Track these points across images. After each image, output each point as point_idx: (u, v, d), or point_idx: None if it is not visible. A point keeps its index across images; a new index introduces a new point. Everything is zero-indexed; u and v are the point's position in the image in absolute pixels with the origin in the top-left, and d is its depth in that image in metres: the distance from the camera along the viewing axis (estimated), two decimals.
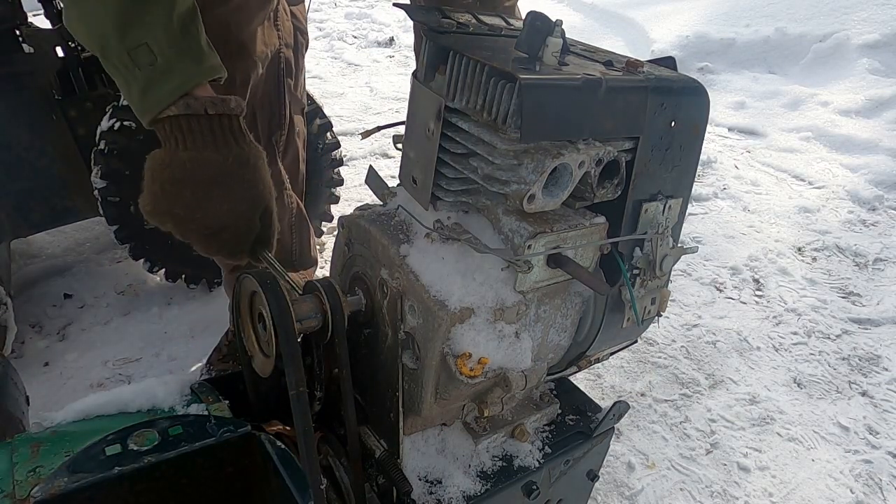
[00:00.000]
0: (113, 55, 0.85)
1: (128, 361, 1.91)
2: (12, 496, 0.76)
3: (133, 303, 2.15)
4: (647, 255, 0.90)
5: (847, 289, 2.52)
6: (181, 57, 0.87)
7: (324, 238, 2.49)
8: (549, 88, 0.71)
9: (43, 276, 2.25)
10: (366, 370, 0.97)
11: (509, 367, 0.86)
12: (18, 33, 1.81)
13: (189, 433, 0.88)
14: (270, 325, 0.79)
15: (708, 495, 1.63)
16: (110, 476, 0.80)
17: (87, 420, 0.92)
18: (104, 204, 1.86)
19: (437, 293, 0.80)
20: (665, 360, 2.08)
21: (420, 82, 0.83)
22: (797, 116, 4.05)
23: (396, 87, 4.44)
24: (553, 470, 1.04)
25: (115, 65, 0.86)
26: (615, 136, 0.80)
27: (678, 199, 0.91)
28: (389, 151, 3.41)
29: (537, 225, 0.80)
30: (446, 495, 0.94)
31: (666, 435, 1.79)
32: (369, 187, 1.02)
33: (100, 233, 2.50)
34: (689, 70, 4.55)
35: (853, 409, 1.95)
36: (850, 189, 3.22)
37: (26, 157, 1.93)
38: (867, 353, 2.17)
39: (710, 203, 3.11)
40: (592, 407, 1.13)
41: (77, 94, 1.93)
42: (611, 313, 0.93)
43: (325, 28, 5.86)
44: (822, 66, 4.56)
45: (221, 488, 0.92)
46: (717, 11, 5.32)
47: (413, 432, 0.97)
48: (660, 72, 0.86)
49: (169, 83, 0.86)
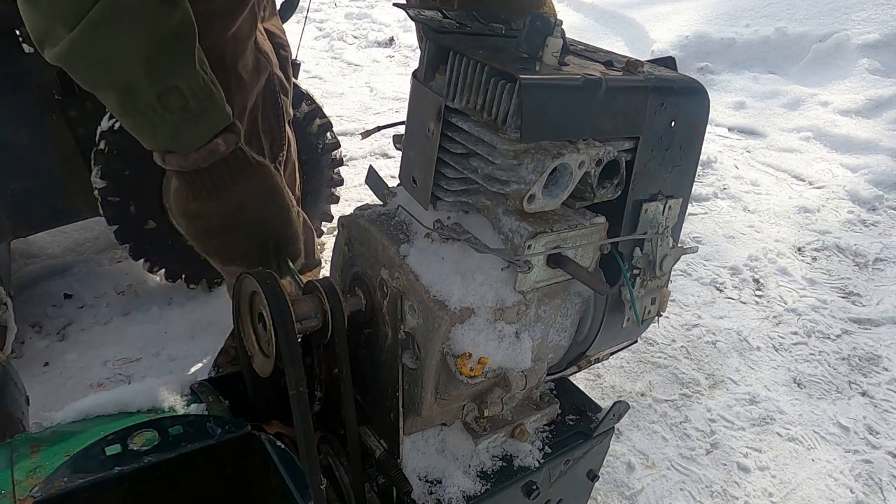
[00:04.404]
0: (140, 99, 0.82)
1: (128, 361, 1.91)
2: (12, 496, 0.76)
3: (133, 303, 2.15)
4: (647, 255, 0.90)
5: (847, 289, 2.52)
6: (209, 101, 0.87)
7: (324, 238, 2.49)
8: (549, 88, 0.71)
9: (43, 276, 2.25)
10: (366, 370, 0.97)
11: (509, 367, 0.86)
12: (18, 33, 1.81)
13: (189, 433, 0.88)
14: (270, 325, 0.79)
15: (708, 495, 1.63)
16: (110, 476, 0.80)
17: (87, 420, 0.92)
18: (104, 204, 1.86)
19: (437, 293, 0.80)
20: (665, 360, 2.08)
21: (420, 82, 0.83)
22: (797, 116, 4.05)
23: (396, 87, 4.44)
24: (553, 470, 1.04)
25: (141, 109, 0.83)
26: (615, 136, 0.80)
27: (678, 199, 0.91)
28: (389, 151, 3.41)
29: (537, 225, 0.80)
30: (446, 495, 0.94)
31: (666, 435, 1.80)
32: (369, 187, 1.02)
33: (100, 233, 2.50)
34: (689, 70, 4.55)
35: (853, 409, 1.95)
36: (850, 189, 3.22)
37: (26, 157, 1.93)
38: (867, 353, 2.17)
39: (710, 203, 3.11)
40: (592, 407, 1.13)
41: (77, 94, 1.93)
42: (611, 313, 0.93)
43: (325, 28, 5.86)
44: (822, 66, 4.56)
45: (221, 488, 0.92)
46: (717, 11, 5.32)
47: (413, 432, 0.97)
48: (660, 72, 0.86)
49: (200, 127, 0.87)
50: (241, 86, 1.32)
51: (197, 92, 0.85)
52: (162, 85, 0.82)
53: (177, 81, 0.83)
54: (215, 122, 0.89)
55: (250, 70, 1.34)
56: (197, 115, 0.86)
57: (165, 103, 0.83)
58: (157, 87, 0.82)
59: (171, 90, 0.83)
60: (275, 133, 1.54)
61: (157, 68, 0.81)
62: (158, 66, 0.81)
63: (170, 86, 0.83)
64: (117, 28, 0.78)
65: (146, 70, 0.80)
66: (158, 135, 0.86)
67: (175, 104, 0.83)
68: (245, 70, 1.32)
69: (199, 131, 0.87)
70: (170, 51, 0.82)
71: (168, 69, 0.82)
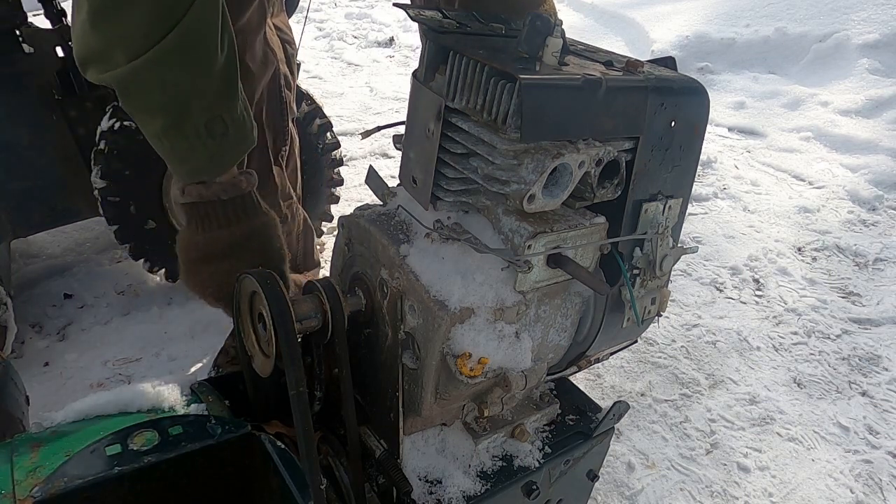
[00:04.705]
0: (189, 126, 0.86)
1: (128, 361, 1.91)
2: (12, 496, 0.76)
3: (133, 303, 2.15)
4: (647, 255, 0.90)
5: (847, 289, 2.52)
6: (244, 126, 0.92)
7: (324, 238, 2.49)
8: (549, 88, 0.71)
9: (43, 276, 2.26)
10: (366, 370, 0.97)
11: (509, 367, 0.86)
12: (18, 33, 1.81)
13: (189, 433, 0.88)
14: (270, 325, 0.79)
15: (708, 495, 1.63)
16: (110, 476, 0.80)
17: (87, 420, 0.92)
18: (104, 204, 1.86)
19: (437, 293, 0.80)
20: (665, 360, 2.08)
21: (420, 82, 0.83)
22: (797, 116, 4.05)
23: (396, 87, 4.44)
24: (553, 470, 1.04)
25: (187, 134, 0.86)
26: (615, 136, 0.80)
27: (678, 199, 0.91)
28: (389, 151, 3.41)
29: (537, 225, 0.80)
30: (446, 495, 0.94)
31: (666, 435, 1.80)
32: (369, 187, 1.02)
33: (100, 233, 2.50)
34: (689, 70, 4.55)
35: (853, 409, 1.95)
36: (850, 189, 3.22)
37: (26, 157, 1.93)
38: (867, 353, 2.17)
39: (710, 203, 3.11)
40: (592, 407, 1.13)
41: (77, 94, 1.93)
42: (611, 313, 0.93)
43: (325, 28, 5.86)
44: (822, 66, 4.56)
45: (221, 488, 0.92)
46: (717, 11, 5.32)
47: (413, 432, 0.97)
48: (660, 72, 0.85)
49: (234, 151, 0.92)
50: (249, 77, 1.35)
51: (236, 119, 0.90)
52: (211, 114, 0.86)
53: (224, 111, 0.88)
54: (246, 145, 0.94)
55: (258, 62, 1.36)
56: (234, 140, 0.91)
57: (211, 130, 0.87)
58: (207, 116, 0.86)
59: (216, 118, 0.87)
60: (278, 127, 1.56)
61: (212, 101, 0.86)
62: (214, 98, 0.86)
63: (217, 114, 0.87)
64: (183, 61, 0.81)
65: (201, 102, 0.85)
66: (194, 160, 0.89)
67: (218, 131, 0.88)
68: (253, 62, 1.35)
69: (232, 155, 0.92)
70: (223, 85, 0.87)
71: (220, 99, 0.87)
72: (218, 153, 0.90)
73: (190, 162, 0.90)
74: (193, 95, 0.84)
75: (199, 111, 0.85)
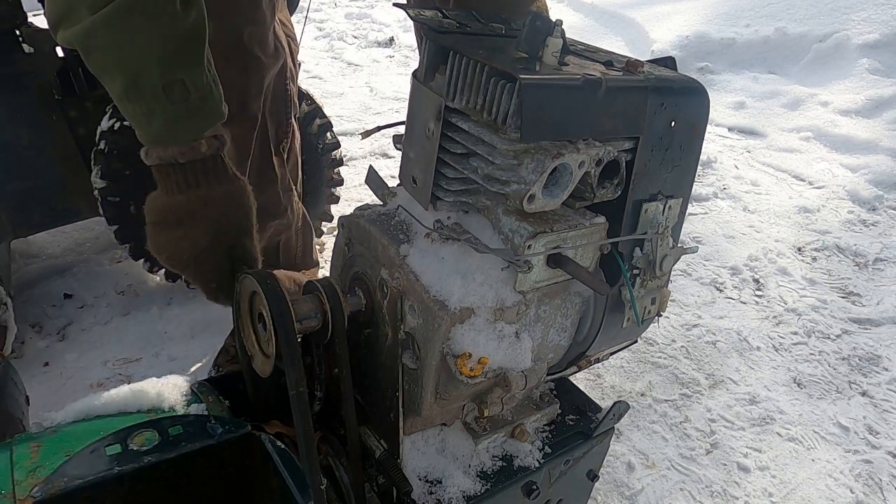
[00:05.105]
0: (147, 87, 0.85)
1: (128, 361, 1.91)
2: (12, 496, 0.76)
3: (133, 303, 2.15)
4: (647, 255, 0.90)
5: (847, 289, 2.52)
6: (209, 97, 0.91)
7: (324, 238, 2.49)
8: (549, 88, 0.71)
9: (43, 276, 2.26)
10: (366, 370, 0.97)
11: (509, 367, 0.86)
12: (18, 33, 1.82)
13: (189, 433, 0.88)
14: (270, 325, 0.79)
15: (708, 495, 1.63)
16: (110, 476, 0.80)
17: (87, 420, 0.92)
18: (104, 204, 1.86)
19: (437, 293, 0.80)
20: (665, 360, 2.08)
21: (420, 82, 0.83)
22: (797, 116, 4.05)
23: (396, 87, 4.44)
24: (553, 470, 1.04)
25: (145, 96, 0.86)
26: (615, 136, 0.80)
27: (678, 199, 0.91)
28: (389, 151, 3.41)
29: (537, 225, 0.80)
30: (446, 495, 0.94)
31: (666, 435, 1.80)
32: (369, 187, 1.02)
33: (100, 233, 2.50)
34: (689, 70, 4.55)
35: (853, 409, 1.95)
36: (850, 189, 3.22)
37: (26, 157, 1.93)
38: (867, 353, 2.17)
39: (710, 203, 3.11)
40: (592, 407, 1.13)
41: (77, 94, 1.93)
42: (611, 313, 0.93)
43: (325, 28, 5.86)
44: (822, 66, 4.56)
45: (221, 488, 0.92)
46: (717, 11, 5.32)
47: (413, 432, 0.97)
48: (660, 72, 0.85)
49: (196, 121, 0.91)
50: (260, 66, 1.37)
51: (200, 87, 0.89)
52: (170, 76, 0.86)
53: (184, 75, 0.87)
54: (211, 118, 0.92)
55: (269, 54, 1.39)
56: (196, 109, 0.89)
57: (169, 94, 0.86)
58: (165, 78, 0.85)
59: (176, 82, 0.86)
60: (280, 118, 1.57)
61: (170, 61, 0.85)
62: (171, 59, 0.85)
63: (176, 78, 0.86)
64: (140, 19, 0.81)
65: (158, 61, 0.84)
66: (154, 123, 0.88)
67: (178, 96, 0.87)
68: (265, 53, 1.38)
69: (195, 124, 0.91)
70: (183, 47, 0.86)
71: (179, 63, 0.86)
72: (176, 120, 0.88)
73: (151, 126, 0.89)
74: (149, 54, 0.83)
75: (155, 72, 0.85)
